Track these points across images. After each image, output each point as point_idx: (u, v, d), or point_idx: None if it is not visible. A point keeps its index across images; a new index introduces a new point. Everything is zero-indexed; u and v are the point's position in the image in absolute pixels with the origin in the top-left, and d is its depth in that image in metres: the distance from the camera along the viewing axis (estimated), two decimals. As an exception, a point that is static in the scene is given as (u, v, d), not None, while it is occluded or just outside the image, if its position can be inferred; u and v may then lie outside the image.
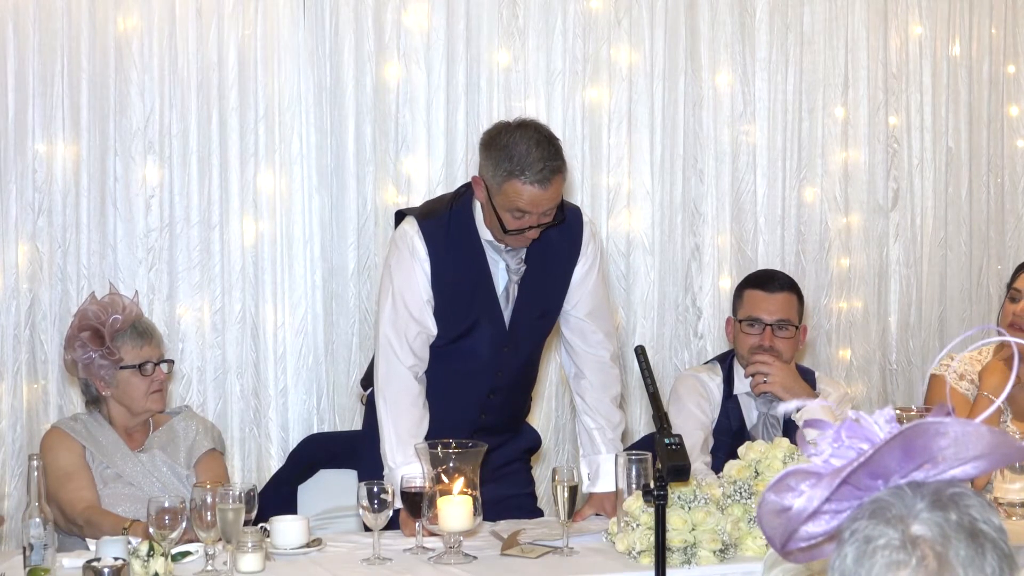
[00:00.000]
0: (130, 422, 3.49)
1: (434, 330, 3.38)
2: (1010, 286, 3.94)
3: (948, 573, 1.38)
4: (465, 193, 3.42)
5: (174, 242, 4.20)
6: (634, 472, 3.08)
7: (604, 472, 3.41)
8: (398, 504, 3.07)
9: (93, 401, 3.50)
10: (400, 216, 3.51)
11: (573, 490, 3.05)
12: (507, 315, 3.42)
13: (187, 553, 2.91)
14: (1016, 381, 3.70)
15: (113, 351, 3.40)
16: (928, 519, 1.40)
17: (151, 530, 2.82)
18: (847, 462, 1.45)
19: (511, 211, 3.21)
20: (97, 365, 3.41)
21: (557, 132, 3.34)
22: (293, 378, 4.32)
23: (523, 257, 3.40)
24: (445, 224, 3.37)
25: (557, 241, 3.42)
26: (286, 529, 3.04)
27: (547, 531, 3.18)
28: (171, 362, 3.57)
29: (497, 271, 3.40)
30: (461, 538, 2.98)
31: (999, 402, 1.74)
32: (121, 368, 3.41)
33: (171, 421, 3.56)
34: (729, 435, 3.76)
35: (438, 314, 3.38)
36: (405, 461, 3.20)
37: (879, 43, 4.90)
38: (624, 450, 3.41)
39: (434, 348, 3.41)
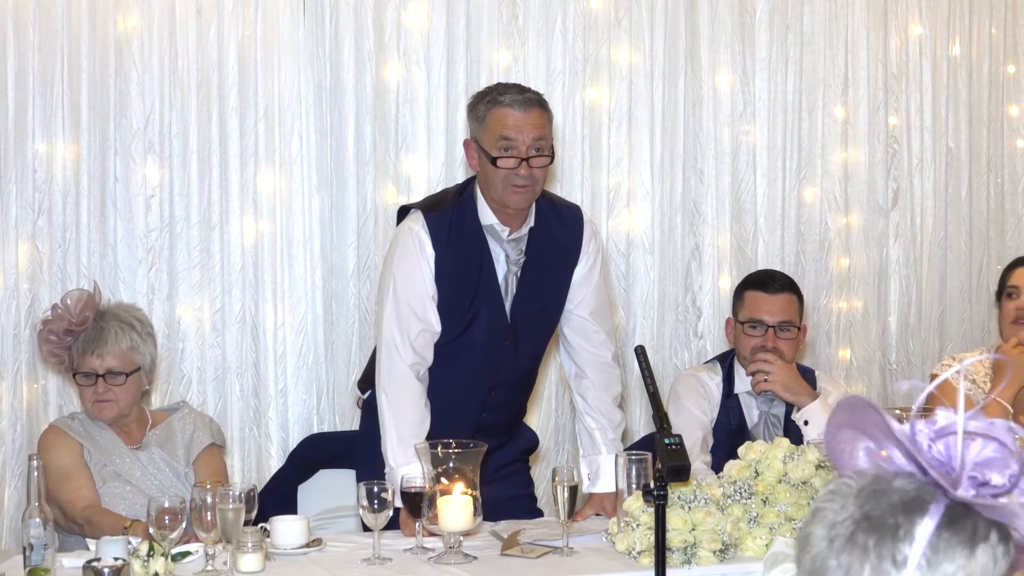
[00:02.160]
0: (117, 421, 3.48)
1: (437, 327, 3.37)
2: (1004, 286, 3.94)
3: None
4: (470, 184, 3.43)
5: (174, 242, 4.20)
6: (634, 472, 3.08)
7: (604, 472, 3.41)
8: (398, 504, 3.07)
9: None
10: (403, 211, 3.50)
11: (573, 490, 3.05)
12: (507, 306, 3.43)
13: (187, 553, 2.91)
14: (1000, 375, 3.72)
15: (61, 354, 3.44)
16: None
17: (151, 530, 2.82)
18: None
19: (497, 144, 3.25)
20: (54, 362, 3.50)
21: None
22: (293, 378, 4.32)
23: (523, 248, 3.40)
24: (450, 216, 3.37)
25: (558, 237, 3.43)
26: (286, 529, 3.03)
27: (547, 531, 3.18)
28: (125, 375, 3.42)
29: (497, 261, 3.40)
30: (461, 538, 2.98)
31: (994, 395, 1.74)
32: (74, 374, 3.46)
33: (169, 419, 3.56)
34: (729, 434, 3.76)
35: (441, 306, 3.38)
36: (406, 460, 3.20)
37: (879, 43, 4.90)
38: (624, 450, 3.41)
39: (437, 347, 3.41)
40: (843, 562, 1.36)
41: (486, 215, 3.36)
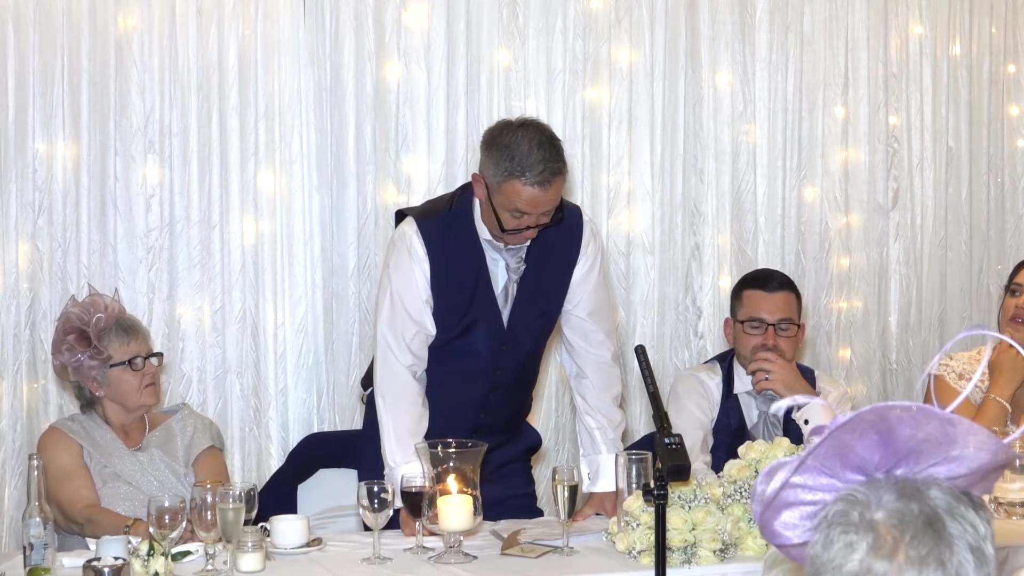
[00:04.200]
0: (126, 419, 3.48)
1: (432, 330, 3.38)
2: (1010, 281, 3.95)
3: (901, 556, 1.40)
4: (465, 192, 3.42)
5: (174, 241, 4.20)
6: (634, 472, 3.08)
7: (604, 472, 3.41)
8: (398, 503, 3.07)
9: (88, 404, 3.49)
10: (400, 216, 3.51)
11: (573, 490, 3.05)
12: (505, 314, 3.42)
13: (187, 553, 2.91)
14: (998, 373, 3.72)
15: (101, 350, 3.39)
16: (890, 507, 1.43)
17: (151, 529, 2.82)
18: (814, 446, 1.48)
19: (510, 211, 3.21)
20: (87, 366, 3.40)
21: (557, 132, 3.34)
22: (293, 378, 4.32)
23: (523, 256, 3.40)
24: (444, 223, 3.37)
25: (557, 240, 3.42)
26: (286, 529, 3.04)
27: (547, 531, 3.18)
28: (160, 355, 3.55)
29: (497, 270, 3.40)
30: (461, 538, 2.98)
31: (972, 384, 1.76)
32: (111, 366, 3.41)
33: (169, 420, 3.56)
34: (729, 434, 3.76)
35: (436, 314, 3.38)
36: (405, 460, 3.21)
37: (879, 43, 4.90)
38: (624, 450, 3.41)
39: (433, 348, 3.41)
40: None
41: (483, 229, 3.36)
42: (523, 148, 3.17)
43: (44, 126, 4.09)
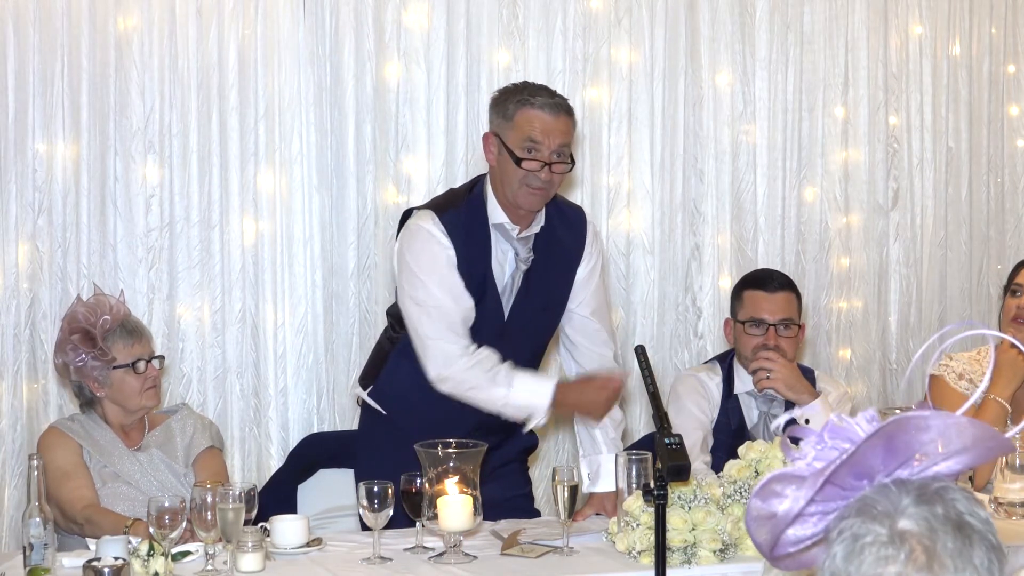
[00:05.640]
0: (126, 420, 3.48)
1: (470, 304, 3.37)
2: (1010, 282, 3.94)
3: (937, 565, 1.39)
4: (478, 182, 3.44)
5: (174, 242, 4.20)
6: (634, 472, 3.08)
7: (605, 472, 3.41)
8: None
9: (88, 403, 3.49)
10: (408, 214, 3.48)
11: (573, 490, 3.05)
12: (507, 305, 3.43)
13: (187, 553, 2.91)
14: (998, 374, 3.73)
15: (105, 351, 3.39)
16: (915, 514, 1.42)
17: (151, 530, 2.82)
18: (829, 462, 1.47)
19: (523, 144, 3.27)
20: (90, 367, 3.40)
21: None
22: (293, 378, 4.32)
23: (531, 246, 3.41)
24: (460, 213, 3.38)
25: (562, 237, 3.45)
26: (286, 529, 3.04)
27: (547, 531, 3.18)
28: (162, 358, 3.55)
29: (505, 259, 3.40)
30: (461, 538, 2.98)
31: (981, 390, 1.76)
32: (114, 368, 3.40)
33: (168, 420, 3.56)
34: (729, 434, 3.76)
35: None
36: (536, 381, 3.34)
37: (879, 43, 4.90)
38: (624, 450, 3.41)
39: None
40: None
41: (496, 214, 3.36)
42: (530, 85, 3.39)
43: (44, 126, 4.09)
